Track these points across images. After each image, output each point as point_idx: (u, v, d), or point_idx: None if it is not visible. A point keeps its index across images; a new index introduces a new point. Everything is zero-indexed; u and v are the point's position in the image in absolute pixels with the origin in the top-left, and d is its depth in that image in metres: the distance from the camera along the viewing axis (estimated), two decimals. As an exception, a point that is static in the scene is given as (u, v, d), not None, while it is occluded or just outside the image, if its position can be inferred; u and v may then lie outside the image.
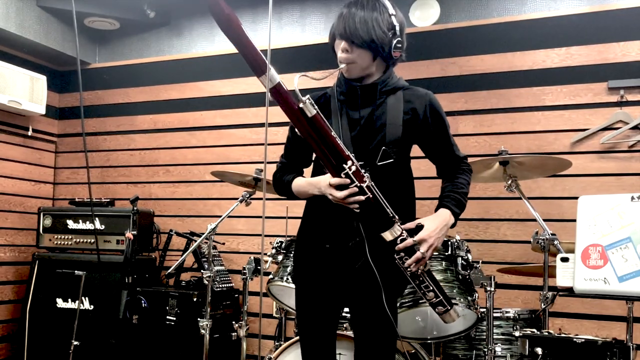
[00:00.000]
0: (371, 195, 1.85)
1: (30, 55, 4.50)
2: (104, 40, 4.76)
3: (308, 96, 1.85)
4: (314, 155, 2.11)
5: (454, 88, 3.70)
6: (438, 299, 1.95)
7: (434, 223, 1.93)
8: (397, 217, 1.88)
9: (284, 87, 1.85)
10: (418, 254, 1.86)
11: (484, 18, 3.67)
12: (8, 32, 4.02)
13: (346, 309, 2.81)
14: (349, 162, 1.85)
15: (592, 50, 3.42)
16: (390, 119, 1.97)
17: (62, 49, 4.43)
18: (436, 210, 1.99)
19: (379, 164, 1.94)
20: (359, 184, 1.85)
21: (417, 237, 1.88)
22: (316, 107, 1.85)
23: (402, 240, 1.87)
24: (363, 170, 1.88)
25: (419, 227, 1.90)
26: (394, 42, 1.94)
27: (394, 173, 1.98)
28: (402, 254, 1.88)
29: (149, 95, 4.59)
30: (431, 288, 1.93)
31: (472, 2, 3.71)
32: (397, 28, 1.95)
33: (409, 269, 1.89)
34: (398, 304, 2.49)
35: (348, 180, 1.85)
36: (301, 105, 1.83)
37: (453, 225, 1.99)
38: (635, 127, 3.27)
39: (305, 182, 2.04)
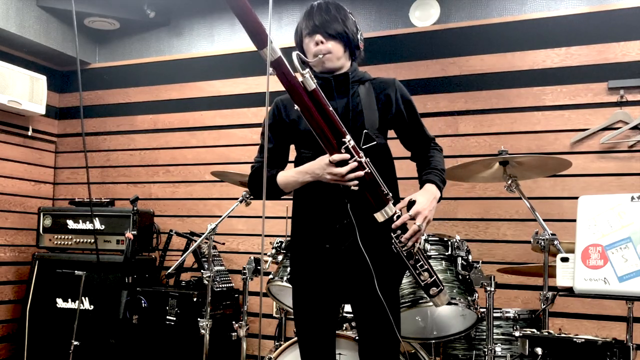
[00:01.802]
0: (369, 170, 1.89)
1: (30, 55, 4.50)
2: (104, 40, 4.76)
3: (308, 70, 1.90)
4: (294, 155, 2.15)
5: (454, 88, 3.70)
6: (432, 279, 1.96)
7: (425, 197, 1.97)
8: (390, 194, 1.93)
9: (285, 61, 1.89)
10: (415, 227, 1.90)
11: (484, 18, 3.67)
12: (8, 32, 4.02)
13: (347, 308, 2.81)
14: (347, 137, 1.90)
15: (592, 50, 3.42)
16: (365, 106, 2.04)
17: (62, 49, 4.43)
18: (421, 186, 2.04)
19: (363, 147, 1.98)
20: (358, 159, 1.88)
21: (412, 212, 1.91)
22: (315, 81, 1.90)
23: (398, 217, 1.90)
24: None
25: (412, 203, 1.93)
26: (359, 35, 2.08)
27: (377, 157, 2.01)
28: (399, 231, 1.90)
29: (149, 95, 4.59)
30: (426, 267, 1.95)
31: (472, 2, 3.71)
32: (357, 24, 2.10)
33: (405, 247, 1.91)
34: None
35: (348, 155, 1.88)
36: (301, 79, 1.88)
37: (439, 200, 2.03)
38: (635, 127, 3.27)
39: (294, 171, 2.04)
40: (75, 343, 3.57)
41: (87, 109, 4.71)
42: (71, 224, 4.17)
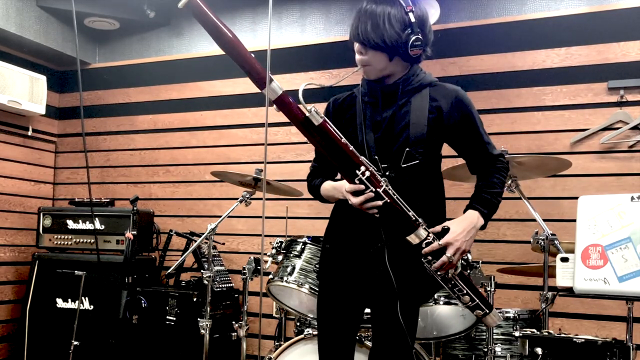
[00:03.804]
0: (389, 200, 1.82)
1: (30, 55, 4.50)
2: (104, 40, 4.76)
3: (313, 106, 1.80)
4: None
5: (454, 88, 3.70)
6: (474, 303, 1.90)
7: (460, 226, 1.88)
8: (420, 220, 1.84)
9: (289, 97, 1.82)
10: (444, 258, 1.82)
11: (484, 18, 3.67)
12: (8, 32, 4.02)
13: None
14: (362, 168, 1.81)
15: (592, 50, 3.42)
16: (414, 119, 1.92)
17: (62, 49, 4.43)
18: (464, 211, 1.95)
19: (403, 166, 1.91)
20: (374, 190, 1.81)
21: (442, 241, 1.84)
22: (322, 115, 1.81)
23: (428, 244, 1.84)
24: (379, 174, 1.85)
25: (445, 230, 1.86)
26: (412, 39, 1.87)
27: (420, 174, 1.93)
28: (430, 257, 1.84)
29: (149, 95, 4.59)
30: (465, 292, 1.89)
31: (472, 2, 3.71)
32: (415, 24, 1.87)
33: (438, 273, 1.85)
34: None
35: (362, 187, 1.82)
36: (307, 114, 1.80)
37: (483, 227, 1.94)
38: (635, 127, 3.26)
39: (331, 186, 2.03)
40: (75, 343, 3.57)
41: (87, 109, 4.71)
42: (71, 224, 4.17)
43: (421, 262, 1.86)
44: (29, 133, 4.54)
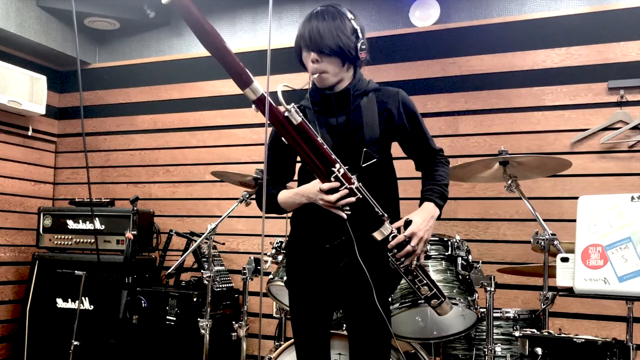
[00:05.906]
0: (361, 196, 1.90)
1: (30, 55, 4.50)
2: (104, 40, 4.76)
3: (293, 104, 1.89)
4: (297, 168, 2.15)
5: (454, 88, 3.70)
6: (432, 292, 1.99)
7: (421, 217, 1.97)
8: (386, 215, 1.93)
9: (268, 98, 1.87)
10: (408, 247, 1.91)
11: (484, 18, 3.67)
12: (8, 32, 4.02)
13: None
14: (337, 165, 1.90)
15: (592, 50, 3.42)
16: (366, 121, 2.01)
17: (62, 49, 4.43)
18: (420, 204, 2.04)
19: (363, 165, 1.98)
20: (348, 186, 1.89)
21: (407, 232, 1.92)
22: (301, 114, 1.90)
23: (394, 238, 1.92)
24: (349, 173, 1.92)
25: (408, 223, 1.94)
26: (359, 44, 1.99)
27: (377, 173, 2.02)
28: (395, 250, 1.92)
29: (149, 95, 4.59)
30: (425, 282, 1.98)
31: (472, 2, 3.71)
32: (359, 31, 2.00)
33: (402, 265, 1.93)
34: (398, 304, 2.49)
35: (338, 184, 1.89)
36: (286, 114, 1.88)
37: (438, 217, 2.03)
38: (635, 127, 3.26)
39: (292, 192, 2.05)
40: (75, 343, 3.57)
41: (87, 109, 4.71)
42: (71, 224, 4.17)
43: (386, 257, 1.93)
44: (29, 133, 4.54)
